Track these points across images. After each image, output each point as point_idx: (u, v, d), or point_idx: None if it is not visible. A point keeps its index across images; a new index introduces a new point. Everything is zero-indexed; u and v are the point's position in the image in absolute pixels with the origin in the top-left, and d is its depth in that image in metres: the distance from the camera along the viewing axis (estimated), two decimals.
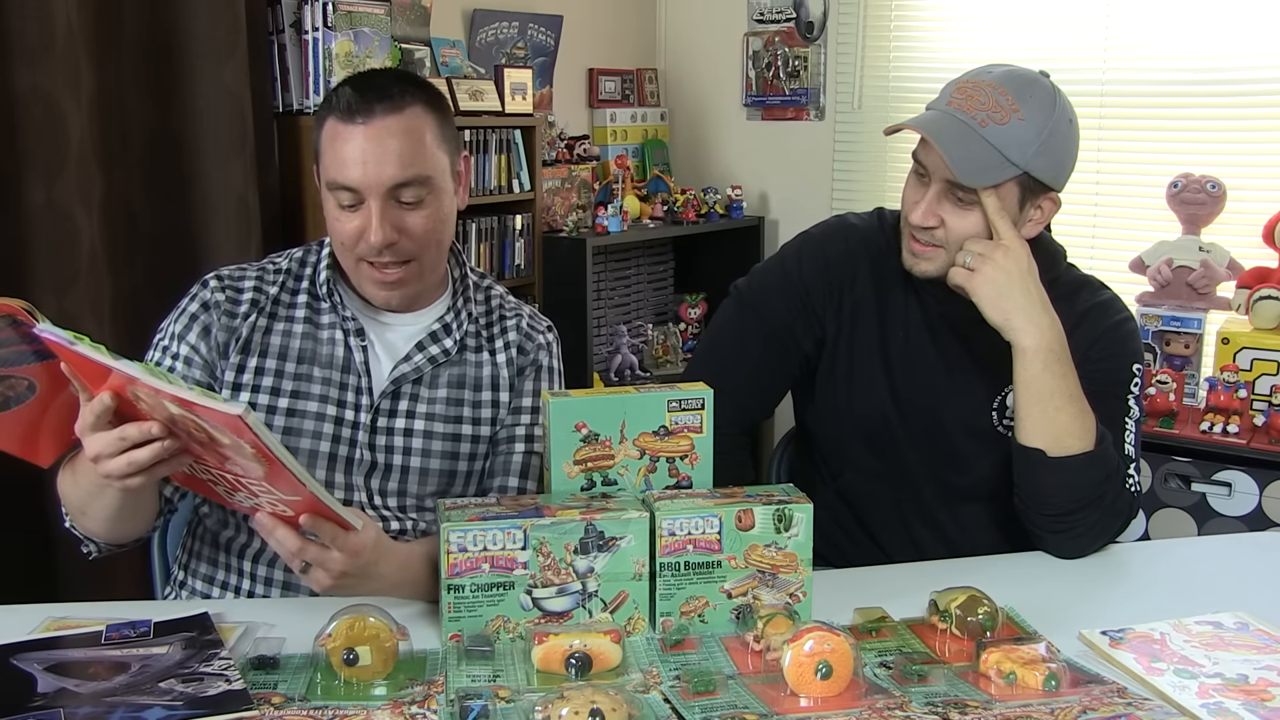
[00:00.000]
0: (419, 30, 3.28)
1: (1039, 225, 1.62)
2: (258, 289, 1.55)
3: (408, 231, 1.46)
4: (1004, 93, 1.52)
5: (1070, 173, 1.60)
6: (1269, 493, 2.78)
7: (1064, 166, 1.58)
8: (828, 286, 1.71)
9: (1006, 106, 1.51)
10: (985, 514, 1.70)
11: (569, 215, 3.65)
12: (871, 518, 1.75)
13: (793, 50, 4.05)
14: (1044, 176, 1.55)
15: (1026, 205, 1.58)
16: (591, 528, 1.26)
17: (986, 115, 1.51)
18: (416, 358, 1.54)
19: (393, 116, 1.43)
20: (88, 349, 1.14)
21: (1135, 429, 1.63)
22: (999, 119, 1.51)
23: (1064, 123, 1.55)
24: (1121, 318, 1.68)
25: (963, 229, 1.56)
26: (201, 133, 2.61)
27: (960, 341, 1.67)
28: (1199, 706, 1.14)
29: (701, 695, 1.14)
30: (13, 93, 2.25)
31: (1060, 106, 1.55)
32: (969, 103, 1.53)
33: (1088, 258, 3.40)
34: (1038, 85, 1.55)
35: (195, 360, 1.50)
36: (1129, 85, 3.42)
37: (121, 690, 1.11)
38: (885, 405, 1.69)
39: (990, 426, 1.67)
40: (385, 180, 1.42)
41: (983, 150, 1.51)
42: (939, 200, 1.56)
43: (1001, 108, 1.51)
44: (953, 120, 1.53)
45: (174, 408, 1.12)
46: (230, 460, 1.15)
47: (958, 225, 1.56)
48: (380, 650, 1.16)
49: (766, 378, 1.74)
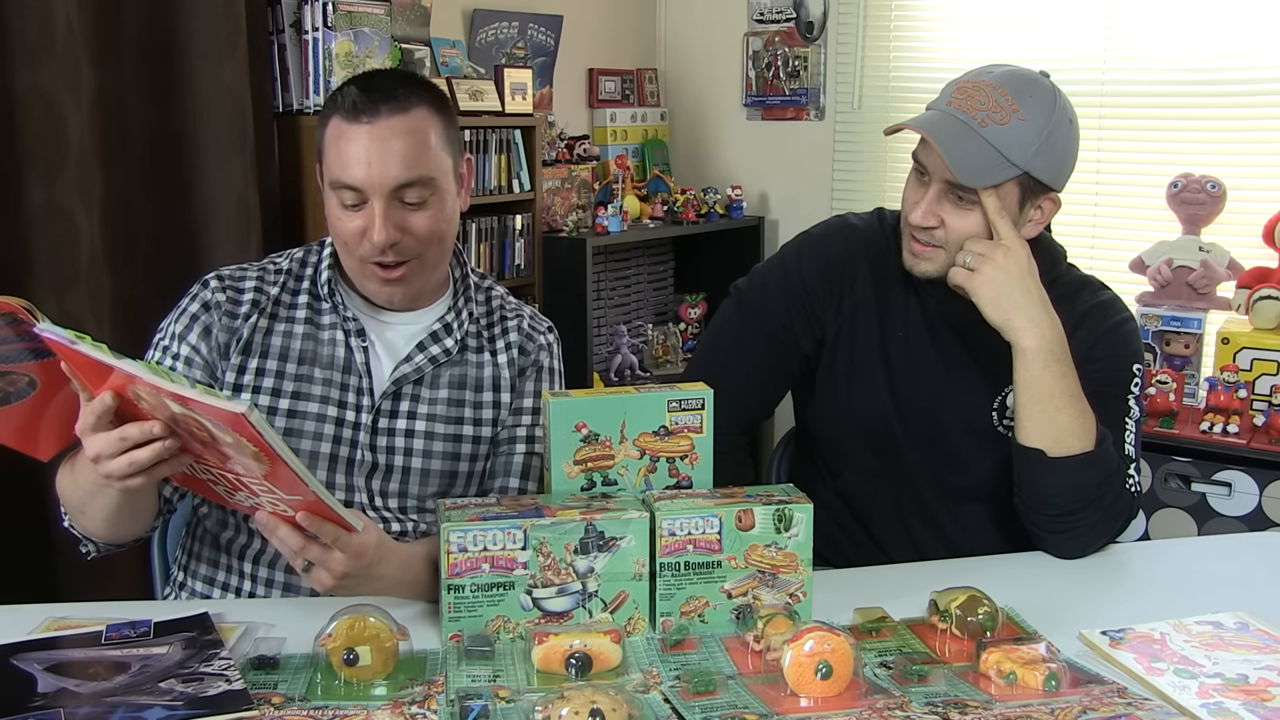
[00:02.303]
0: (419, 30, 3.28)
1: (1039, 226, 1.62)
2: (258, 289, 1.55)
3: (411, 231, 1.46)
4: (1004, 93, 1.52)
5: (1070, 173, 1.60)
6: (1269, 493, 2.78)
7: (1064, 167, 1.58)
8: (828, 286, 1.71)
9: (1006, 107, 1.51)
10: (985, 514, 1.70)
11: (569, 215, 3.65)
12: (871, 518, 1.75)
13: (793, 50, 4.05)
14: (1044, 177, 1.55)
15: (1027, 205, 1.58)
16: (591, 528, 1.26)
17: (986, 115, 1.51)
18: (417, 358, 1.54)
19: (398, 117, 1.43)
20: (89, 348, 1.14)
21: (1135, 429, 1.63)
22: (999, 119, 1.51)
23: (1064, 123, 1.55)
24: (1122, 318, 1.68)
25: (963, 229, 1.56)
26: (201, 132, 2.61)
27: (960, 341, 1.67)
28: (1199, 706, 1.14)
29: (701, 695, 1.14)
30: (13, 93, 2.25)
31: (1060, 107, 1.55)
32: (969, 103, 1.53)
33: (1088, 258, 3.40)
34: (1038, 85, 1.55)
35: (196, 360, 1.50)
36: (1129, 85, 3.42)
37: (121, 690, 1.11)
38: (885, 405, 1.69)
39: (990, 426, 1.67)
40: (389, 181, 1.42)
41: (982, 150, 1.51)
42: (939, 200, 1.56)
43: (1001, 108, 1.51)
44: (953, 120, 1.53)
45: (176, 406, 1.12)
46: (232, 459, 1.15)
47: (958, 225, 1.56)
48: (380, 650, 1.16)
49: (766, 377, 1.74)
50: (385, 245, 1.44)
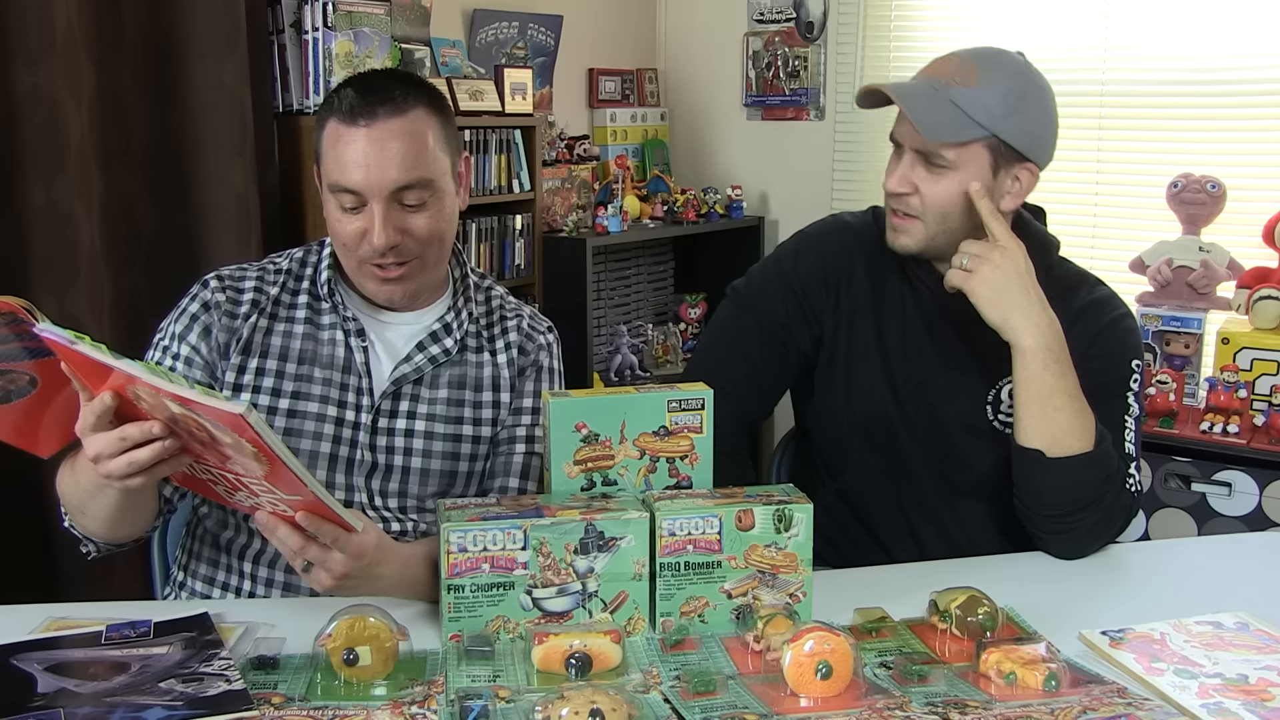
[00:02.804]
0: (419, 30, 3.28)
1: (1018, 199, 1.63)
2: (258, 289, 1.55)
3: (410, 233, 1.46)
4: (969, 62, 1.57)
5: (1051, 145, 1.62)
6: (1269, 493, 2.78)
7: (1037, 136, 1.59)
8: (824, 284, 1.72)
9: (972, 72, 1.56)
10: (987, 511, 1.70)
11: (569, 215, 3.65)
12: (873, 517, 1.75)
13: (793, 50, 4.05)
14: (1016, 142, 1.56)
15: (1001, 174, 1.59)
16: (591, 528, 1.26)
17: (951, 79, 1.56)
18: (417, 358, 1.54)
19: (395, 119, 1.43)
20: (88, 348, 1.14)
21: (1135, 427, 1.63)
22: (963, 83, 1.55)
23: (1034, 89, 1.58)
24: (1119, 314, 1.68)
25: (936, 196, 1.58)
26: (201, 133, 2.61)
27: (956, 336, 1.67)
28: (1199, 706, 1.14)
29: (701, 695, 1.14)
30: (13, 93, 2.25)
31: (1030, 75, 1.58)
32: (936, 71, 1.59)
33: (1088, 258, 3.40)
34: (1005, 55, 1.59)
35: (196, 361, 1.50)
36: (1129, 85, 3.42)
37: (121, 690, 1.11)
38: (885, 401, 1.69)
39: (986, 422, 1.67)
40: (388, 183, 1.42)
41: (948, 110, 1.54)
42: (912, 167, 1.59)
43: (966, 73, 1.56)
44: (920, 85, 1.58)
45: (175, 407, 1.12)
46: (231, 459, 1.15)
47: (931, 192, 1.58)
48: (380, 650, 1.16)
49: (765, 377, 1.74)
50: (385, 248, 1.44)
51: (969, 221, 1.58)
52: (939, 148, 1.55)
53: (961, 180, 1.56)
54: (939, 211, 1.58)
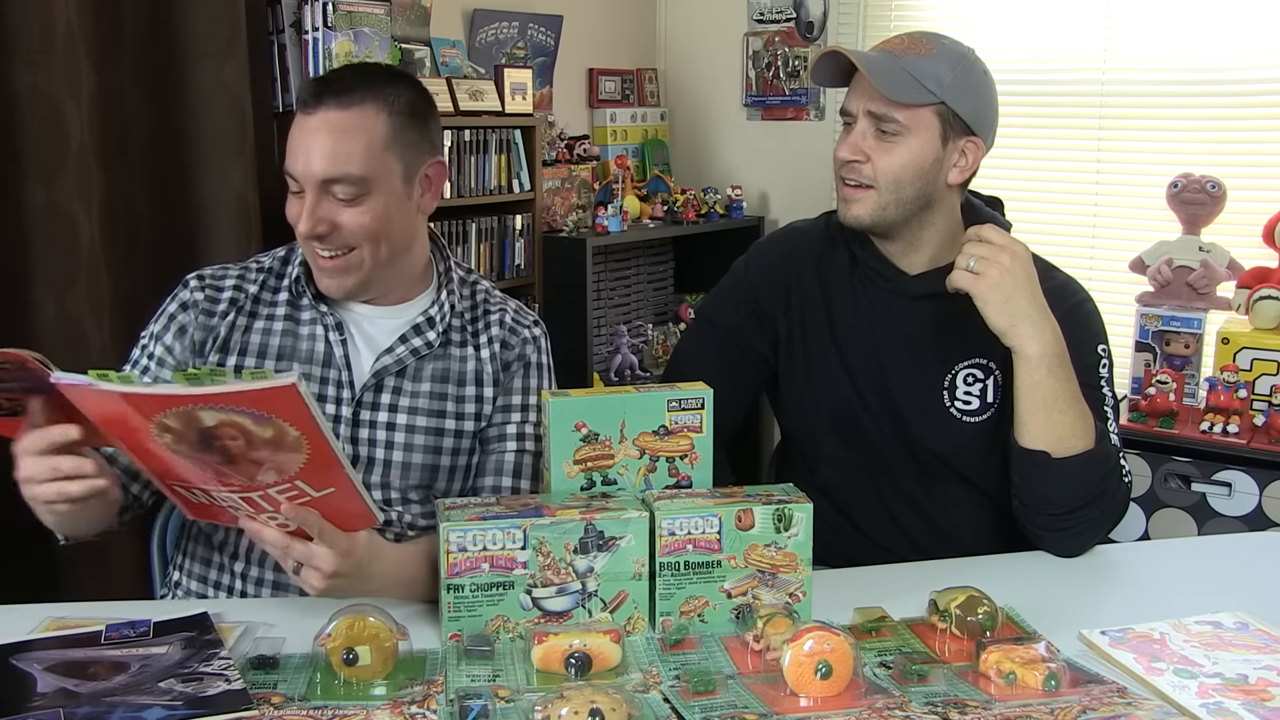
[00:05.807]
0: (419, 30, 3.28)
1: (964, 173, 1.65)
2: (238, 288, 1.56)
3: (340, 226, 1.46)
4: (920, 38, 1.64)
5: (994, 124, 1.66)
6: (1269, 493, 2.78)
7: (981, 111, 1.63)
8: (773, 286, 1.76)
9: (922, 45, 1.61)
10: (962, 492, 1.72)
11: (569, 215, 3.65)
12: (853, 508, 1.76)
13: (793, 50, 4.05)
14: (963, 113, 1.60)
15: (949, 145, 1.61)
16: (591, 527, 1.26)
17: (903, 50, 1.62)
18: (399, 349, 1.54)
19: (335, 112, 1.43)
20: (116, 385, 1.11)
21: (1114, 416, 1.64)
22: (914, 53, 1.60)
23: (978, 68, 1.64)
24: (1079, 299, 1.68)
25: (888, 165, 1.60)
26: (201, 133, 2.60)
27: (909, 324, 1.69)
28: (1199, 706, 1.14)
29: (701, 695, 1.14)
30: (13, 93, 2.25)
31: (975, 57, 1.65)
32: (888, 45, 1.65)
33: (1088, 258, 3.41)
34: (950, 37, 1.66)
35: (168, 361, 1.51)
36: (1129, 85, 3.42)
37: (121, 690, 1.11)
38: (846, 392, 1.72)
39: (943, 408, 1.68)
40: (315, 174, 1.43)
41: (903, 76, 1.58)
42: (864, 136, 1.62)
43: (918, 46, 1.61)
44: (874, 53, 1.64)
45: (210, 417, 1.10)
46: (265, 466, 1.14)
47: (883, 161, 1.61)
48: (380, 650, 1.16)
49: (725, 385, 1.73)
50: (309, 235, 1.45)
51: (922, 191, 1.62)
52: (892, 109, 1.58)
53: (912, 148, 1.59)
54: (891, 179, 1.61)
